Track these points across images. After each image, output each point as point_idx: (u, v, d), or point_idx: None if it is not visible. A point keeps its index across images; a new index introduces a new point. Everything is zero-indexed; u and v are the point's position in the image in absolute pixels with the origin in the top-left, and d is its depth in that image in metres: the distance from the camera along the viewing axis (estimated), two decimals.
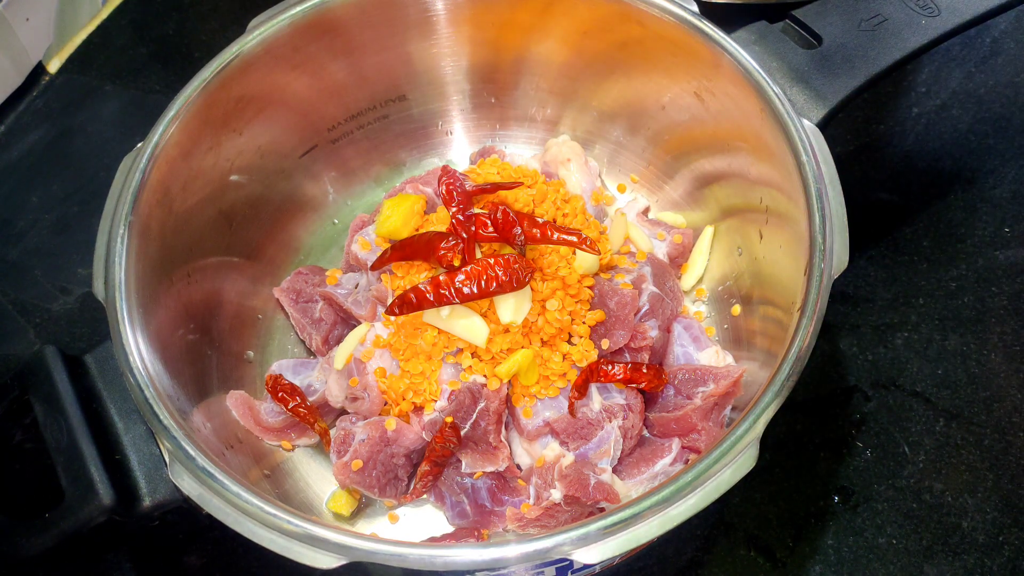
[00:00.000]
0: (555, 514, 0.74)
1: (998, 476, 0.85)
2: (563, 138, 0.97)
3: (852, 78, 0.80)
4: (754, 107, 0.78)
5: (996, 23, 1.15)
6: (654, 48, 0.86)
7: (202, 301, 0.83)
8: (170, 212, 0.78)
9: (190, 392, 0.75)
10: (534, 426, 0.78)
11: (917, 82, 1.11)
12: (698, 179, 0.92)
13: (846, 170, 0.75)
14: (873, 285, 0.96)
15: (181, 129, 0.78)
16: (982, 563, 0.81)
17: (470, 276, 0.73)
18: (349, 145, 0.97)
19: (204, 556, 0.84)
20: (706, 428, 0.77)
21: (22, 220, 1.06)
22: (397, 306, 0.74)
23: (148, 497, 0.69)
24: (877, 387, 0.91)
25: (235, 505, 0.63)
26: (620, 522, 0.60)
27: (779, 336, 0.72)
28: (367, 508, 0.82)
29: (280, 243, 0.95)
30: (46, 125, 1.13)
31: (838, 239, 0.71)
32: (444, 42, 0.93)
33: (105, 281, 0.71)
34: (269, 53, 0.83)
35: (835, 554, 0.82)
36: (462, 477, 0.79)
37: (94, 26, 1.22)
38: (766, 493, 0.85)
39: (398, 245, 0.79)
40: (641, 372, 0.77)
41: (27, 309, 1.00)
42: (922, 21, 0.82)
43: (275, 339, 0.92)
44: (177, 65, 1.18)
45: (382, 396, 0.79)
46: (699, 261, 0.91)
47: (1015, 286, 0.96)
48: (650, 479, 0.77)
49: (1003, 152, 1.05)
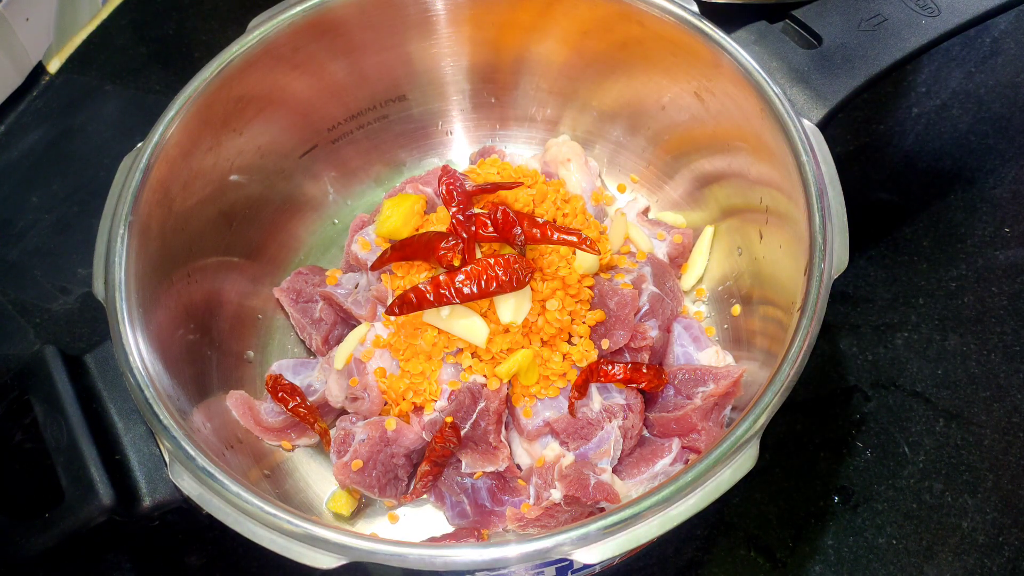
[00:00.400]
0: (555, 514, 0.74)
1: (998, 476, 0.85)
2: (563, 138, 0.97)
3: (852, 78, 0.80)
4: (754, 107, 0.78)
5: (996, 23, 1.15)
6: (654, 48, 0.86)
7: (202, 301, 0.83)
8: (170, 212, 0.78)
9: (190, 392, 0.75)
10: (534, 426, 0.78)
11: (917, 82, 1.11)
12: (698, 179, 0.92)
13: (846, 170, 0.75)
14: (873, 285, 0.96)
15: (181, 129, 0.78)
16: (982, 563, 0.81)
17: (470, 276, 0.73)
18: (349, 145, 0.97)
19: (204, 556, 0.84)
20: (706, 428, 0.77)
21: (22, 220, 1.06)
22: (397, 306, 0.74)
23: (148, 497, 0.69)
24: (877, 387, 0.91)
25: (235, 505, 0.63)
26: (620, 522, 0.60)
27: (779, 336, 0.72)
28: (367, 508, 0.82)
29: (280, 243, 0.95)
30: (46, 125, 1.13)
31: (838, 239, 0.71)
32: (444, 42, 0.93)
33: (105, 281, 0.71)
34: (269, 53, 0.83)
35: (835, 554, 0.82)
36: (462, 477, 0.79)
37: (94, 26, 1.22)
38: (766, 493, 0.85)
39: (398, 245, 0.79)
40: (641, 372, 0.77)
41: (27, 309, 1.00)
42: (922, 21, 0.82)
43: (275, 339, 0.92)
44: (177, 65, 1.18)
45: (382, 396, 0.79)
46: (699, 261, 0.91)
47: (1015, 286, 0.96)
48: (650, 479, 0.77)
49: (1003, 152, 1.05)
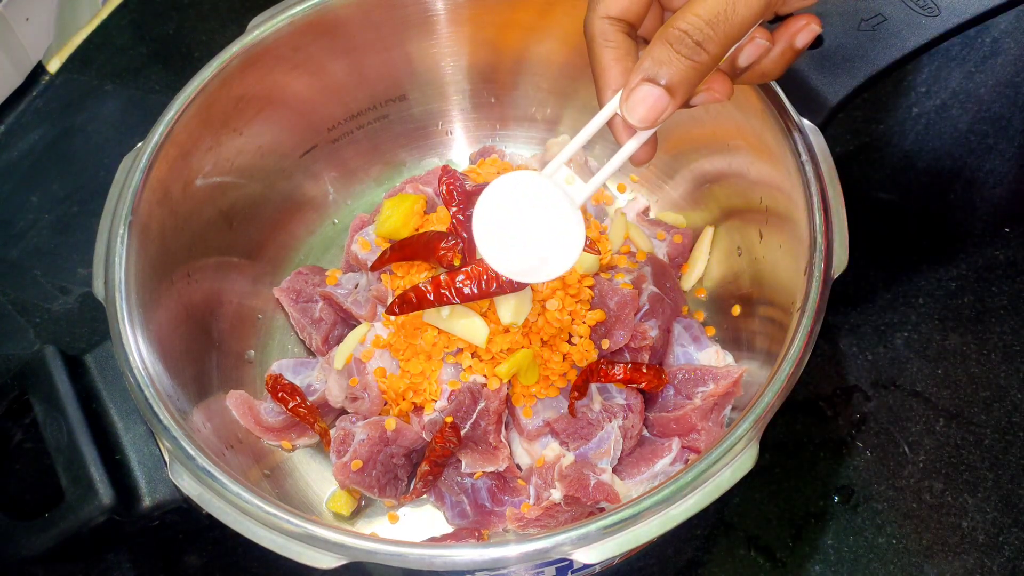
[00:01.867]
0: (555, 514, 0.74)
1: (998, 476, 0.85)
2: (563, 138, 0.97)
3: (852, 78, 0.80)
4: (754, 107, 0.78)
5: (996, 23, 1.15)
6: None
7: (202, 301, 0.83)
8: (170, 212, 0.78)
9: (190, 392, 0.75)
10: (534, 426, 0.78)
11: (917, 82, 1.11)
12: (698, 179, 0.92)
13: (846, 170, 0.75)
14: (873, 285, 0.96)
15: (181, 129, 0.78)
16: (982, 563, 0.81)
17: (470, 276, 0.73)
18: (349, 145, 0.97)
19: (204, 556, 0.84)
20: (706, 428, 0.77)
21: (22, 220, 1.06)
22: (397, 306, 0.74)
23: (148, 497, 0.69)
24: (877, 387, 0.91)
25: (235, 505, 0.63)
26: (620, 522, 0.60)
27: (779, 336, 0.72)
28: (367, 508, 0.82)
29: (280, 243, 0.95)
30: (46, 125, 1.13)
31: (838, 239, 0.71)
32: (444, 42, 0.93)
33: (105, 281, 0.71)
34: (269, 53, 0.83)
35: (835, 554, 0.82)
36: (462, 477, 0.79)
37: (94, 26, 1.22)
38: (766, 493, 0.85)
39: (398, 245, 0.79)
40: (641, 372, 0.77)
41: (27, 309, 1.00)
42: (922, 21, 0.82)
43: (275, 339, 0.92)
44: (177, 65, 1.18)
45: (382, 396, 0.79)
46: (699, 261, 0.91)
47: (1015, 286, 0.96)
48: (650, 479, 0.77)
49: (1003, 152, 1.05)
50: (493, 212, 0.63)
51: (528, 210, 0.63)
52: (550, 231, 0.63)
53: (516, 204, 0.63)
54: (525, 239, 0.63)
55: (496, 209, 0.63)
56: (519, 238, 0.63)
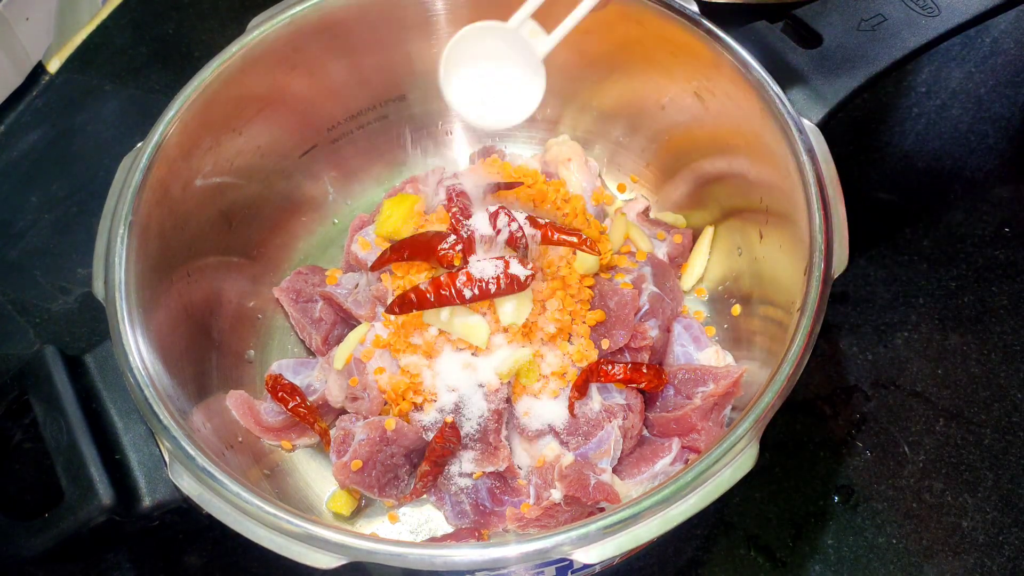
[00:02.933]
0: (555, 514, 0.74)
1: (998, 476, 0.85)
2: (563, 138, 0.97)
3: (852, 78, 0.80)
4: (754, 107, 0.78)
5: (996, 23, 1.15)
6: (654, 48, 0.86)
7: (202, 301, 0.83)
8: (170, 212, 0.78)
9: (190, 392, 0.75)
10: (534, 426, 0.78)
11: (917, 82, 1.11)
12: (698, 179, 0.92)
13: (846, 170, 0.75)
14: (873, 285, 0.96)
15: (181, 129, 0.78)
16: (982, 563, 0.81)
17: (471, 278, 0.74)
18: (349, 145, 0.97)
19: (204, 556, 0.84)
20: (706, 428, 0.77)
21: (22, 220, 1.06)
22: (397, 306, 0.74)
23: (148, 497, 0.69)
24: (877, 387, 0.91)
25: (235, 505, 0.63)
26: (620, 522, 0.60)
27: (779, 336, 0.72)
28: (367, 508, 0.82)
29: (280, 243, 0.95)
30: (46, 125, 1.13)
31: (838, 239, 0.71)
32: (444, 42, 0.92)
33: (105, 281, 0.71)
34: (269, 53, 0.83)
35: (835, 554, 0.82)
36: (462, 477, 0.79)
37: (94, 26, 1.22)
38: (766, 493, 0.85)
39: (398, 245, 0.79)
40: (641, 372, 0.77)
41: (27, 309, 1.00)
42: (922, 21, 0.82)
43: (275, 339, 0.92)
44: (177, 65, 1.18)
45: (382, 396, 0.79)
46: (699, 261, 0.91)
47: (1015, 286, 0.96)
48: (650, 479, 0.77)
49: (1003, 152, 1.05)
50: (461, 59, 0.67)
51: (494, 60, 0.67)
52: (513, 80, 0.67)
53: (483, 54, 0.67)
54: (490, 87, 0.67)
55: (464, 56, 0.67)
56: (485, 86, 0.67)
